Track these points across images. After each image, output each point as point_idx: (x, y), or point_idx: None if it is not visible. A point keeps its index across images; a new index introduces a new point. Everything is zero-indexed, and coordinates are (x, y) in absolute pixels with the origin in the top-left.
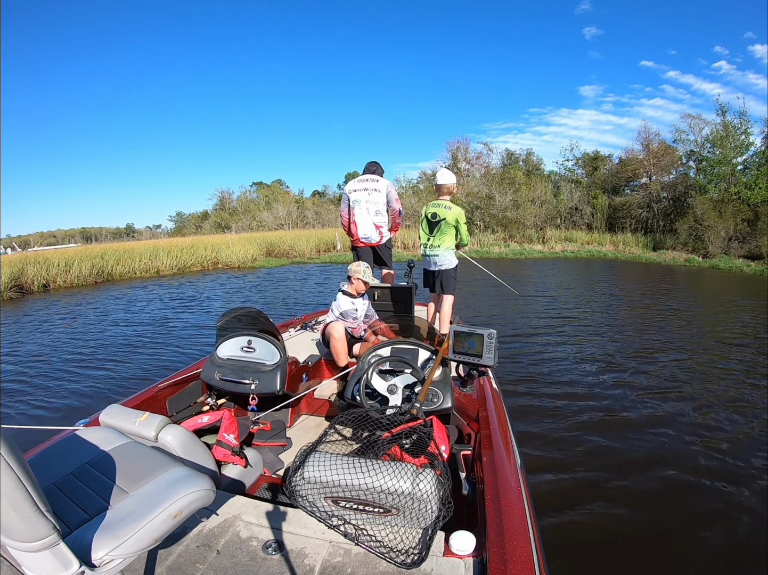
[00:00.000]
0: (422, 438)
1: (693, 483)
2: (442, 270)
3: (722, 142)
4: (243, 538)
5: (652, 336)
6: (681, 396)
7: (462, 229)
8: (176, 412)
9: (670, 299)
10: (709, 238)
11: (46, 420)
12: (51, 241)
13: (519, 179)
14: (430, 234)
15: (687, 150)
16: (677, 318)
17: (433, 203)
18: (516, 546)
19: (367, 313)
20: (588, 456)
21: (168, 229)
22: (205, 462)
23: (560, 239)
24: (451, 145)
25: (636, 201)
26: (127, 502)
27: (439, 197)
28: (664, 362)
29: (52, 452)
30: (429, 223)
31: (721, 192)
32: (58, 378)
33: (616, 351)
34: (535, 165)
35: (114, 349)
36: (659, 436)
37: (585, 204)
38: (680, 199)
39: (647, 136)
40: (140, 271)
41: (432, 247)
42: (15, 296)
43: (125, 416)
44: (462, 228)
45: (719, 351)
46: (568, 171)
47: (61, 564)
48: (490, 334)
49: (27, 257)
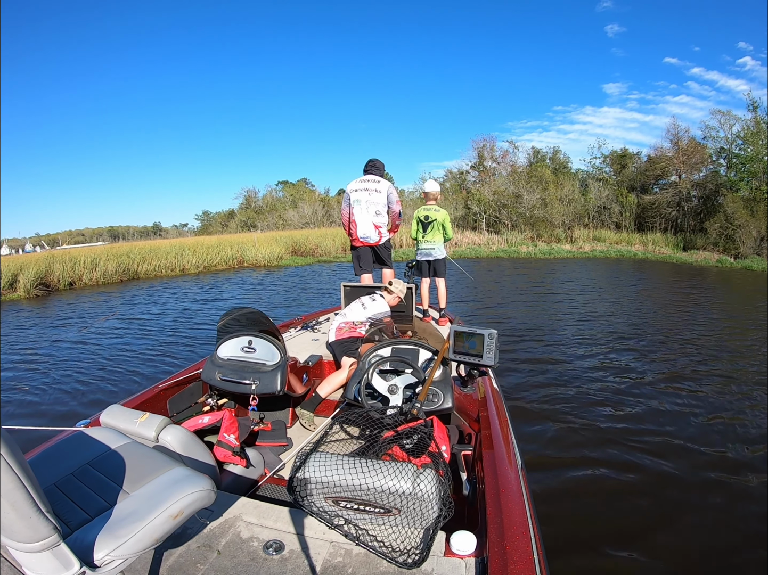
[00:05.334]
0: (423, 439)
1: (697, 484)
2: (437, 259)
3: (753, 139)
4: (244, 538)
5: (675, 339)
6: (696, 398)
7: (448, 227)
8: (177, 413)
9: (706, 304)
10: (741, 238)
11: (46, 420)
12: (79, 239)
13: (546, 177)
14: (424, 232)
15: (717, 147)
16: (710, 325)
17: (424, 207)
18: (517, 546)
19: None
20: (589, 456)
21: (194, 228)
22: (206, 462)
23: (588, 238)
24: (477, 143)
25: (665, 199)
26: (128, 503)
27: (427, 202)
28: (682, 366)
29: (52, 452)
30: (422, 223)
31: (753, 190)
32: (59, 377)
33: (630, 354)
34: (562, 163)
35: (124, 349)
36: (665, 437)
37: (613, 202)
38: (710, 197)
39: (676, 132)
40: (166, 269)
41: (428, 242)
42: (41, 294)
43: (126, 416)
44: (448, 226)
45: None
46: (595, 169)
47: (61, 564)
48: (491, 334)
49: (54, 255)
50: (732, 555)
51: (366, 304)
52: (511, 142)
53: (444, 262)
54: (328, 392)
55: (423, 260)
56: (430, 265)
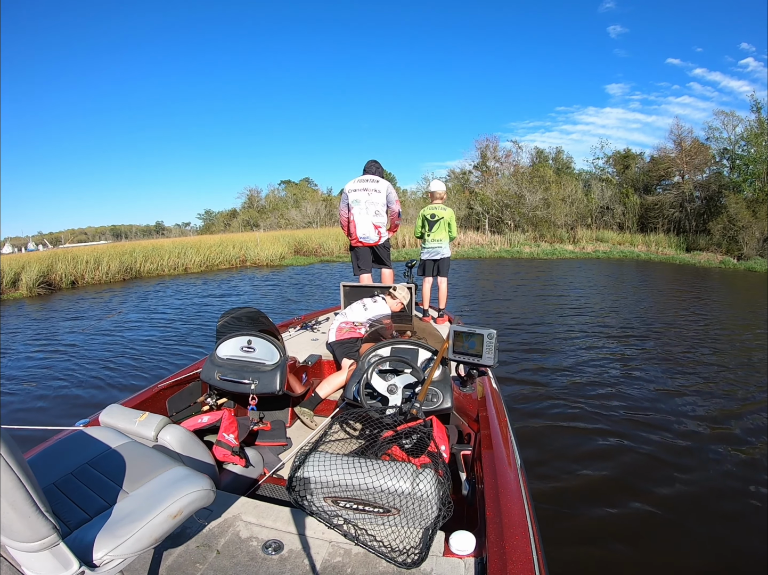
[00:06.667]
0: (422, 438)
1: (697, 483)
2: (443, 258)
3: (757, 140)
4: (243, 538)
5: (677, 341)
6: (698, 399)
7: (453, 226)
8: (176, 412)
9: (712, 306)
10: (744, 239)
11: (46, 420)
12: (82, 238)
13: (549, 177)
14: (430, 230)
15: (720, 148)
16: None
17: (430, 206)
18: (516, 546)
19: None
20: (589, 456)
21: (197, 227)
22: (205, 462)
23: (591, 239)
24: (480, 143)
25: (668, 200)
26: (127, 502)
27: (433, 201)
28: (684, 365)
29: (51, 452)
30: (428, 222)
31: (756, 191)
32: (59, 377)
33: (632, 355)
34: (565, 163)
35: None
36: (667, 438)
37: (616, 203)
38: (713, 198)
39: (680, 133)
40: (168, 268)
41: (434, 240)
42: (43, 292)
43: (125, 416)
44: (453, 224)
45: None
46: (598, 169)
47: (60, 564)
48: (490, 334)
49: (56, 254)
50: (733, 556)
51: (367, 305)
52: (514, 142)
53: (449, 261)
54: (327, 392)
55: (429, 259)
56: (435, 263)
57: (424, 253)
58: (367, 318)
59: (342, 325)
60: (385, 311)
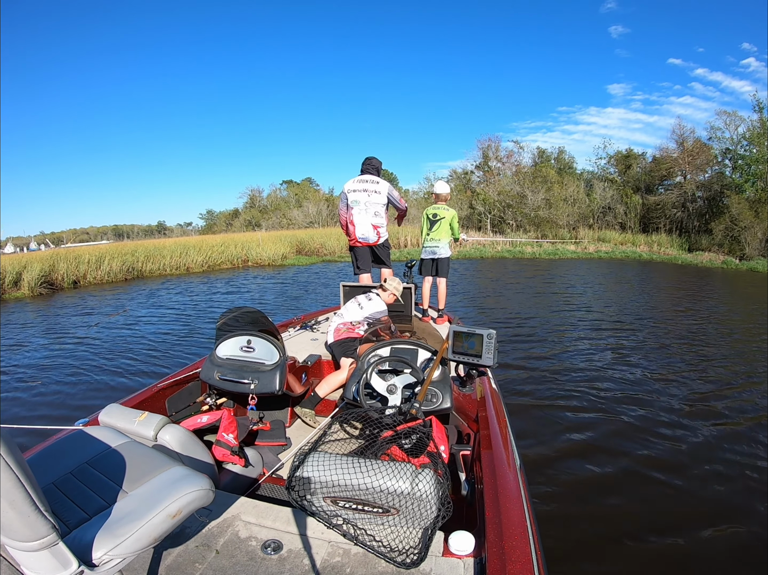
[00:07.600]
0: (422, 439)
1: (697, 484)
2: (441, 258)
3: (759, 140)
4: (242, 538)
5: (684, 342)
6: (699, 401)
7: (455, 226)
8: (176, 412)
9: (712, 306)
10: (746, 240)
11: (45, 419)
12: (84, 237)
13: (551, 177)
14: (430, 229)
15: (722, 148)
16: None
17: (433, 206)
18: (515, 546)
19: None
20: (589, 456)
21: (199, 227)
22: (205, 461)
23: (593, 239)
24: (482, 143)
25: (670, 200)
26: (127, 502)
27: (437, 202)
28: (682, 365)
29: (51, 451)
30: (430, 221)
31: (758, 191)
32: (59, 376)
33: (631, 354)
34: (567, 163)
35: (125, 348)
36: (668, 439)
37: (618, 203)
38: (716, 198)
39: (682, 133)
40: (170, 268)
41: (434, 239)
42: (45, 292)
43: (124, 415)
44: (455, 225)
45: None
46: (600, 169)
47: (60, 563)
48: (490, 334)
49: (58, 254)
50: (734, 556)
51: (362, 304)
52: (516, 142)
53: (448, 261)
54: (326, 392)
55: (427, 258)
56: (433, 262)
57: (423, 252)
58: (364, 317)
59: (339, 326)
60: (381, 307)
